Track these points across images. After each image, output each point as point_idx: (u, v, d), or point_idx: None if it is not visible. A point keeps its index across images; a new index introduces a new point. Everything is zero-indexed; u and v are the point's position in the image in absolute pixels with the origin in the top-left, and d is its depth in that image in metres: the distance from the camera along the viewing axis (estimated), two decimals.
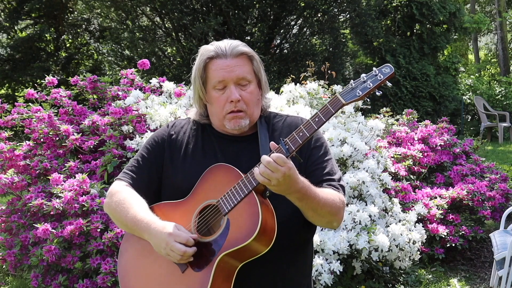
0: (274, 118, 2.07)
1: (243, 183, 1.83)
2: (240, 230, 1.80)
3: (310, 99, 4.81)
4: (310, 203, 1.83)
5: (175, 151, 2.03)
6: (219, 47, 1.94)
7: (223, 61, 1.93)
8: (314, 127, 1.79)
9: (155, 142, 2.07)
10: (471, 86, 15.79)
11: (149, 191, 2.02)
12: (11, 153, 4.50)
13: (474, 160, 6.31)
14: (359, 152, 4.36)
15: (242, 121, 1.95)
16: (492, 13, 23.36)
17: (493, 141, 13.31)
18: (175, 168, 2.01)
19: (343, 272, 3.87)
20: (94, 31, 15.65)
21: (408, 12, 13.88)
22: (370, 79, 1.79)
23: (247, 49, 1.96)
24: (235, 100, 1.92)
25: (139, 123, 4.43)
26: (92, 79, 5.01)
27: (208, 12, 12.68)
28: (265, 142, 1.95)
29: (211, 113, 2.02)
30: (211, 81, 1.94)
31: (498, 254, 4.44)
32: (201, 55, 1.97)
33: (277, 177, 1.72)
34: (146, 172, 2.04)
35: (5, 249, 4.18)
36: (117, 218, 2.00)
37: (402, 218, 4.43)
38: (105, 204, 2.06)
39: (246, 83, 1.95)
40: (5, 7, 14.67)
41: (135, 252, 2.00)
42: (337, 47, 14.41)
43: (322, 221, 1.94)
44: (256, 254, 1.81)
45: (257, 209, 1.79)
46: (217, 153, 1.99)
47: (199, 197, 1.92)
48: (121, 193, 1.98)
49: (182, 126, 2.09)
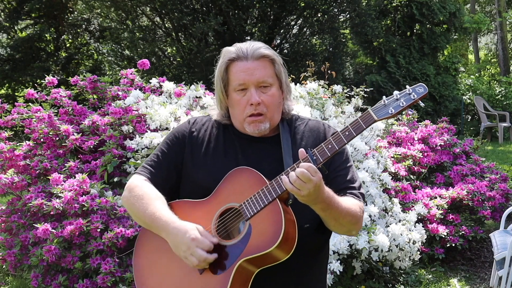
0: (296, 121, 2.06)
1: (267, 190, 1.82)
2: (262, 237, 1.79)
3: (310, 99, 4.80)
4: (333, 213, 1.84)
5: (196, 148, 2.02)
6: (241, 49, 1.93)
7: (243, 64, 1.91)
8: (344, 141, 1.80)
9: (175, 138, 2.06)
10: (471, 86, 15.79)
11: (167, 187, 2.01)
12: (11, 153, 4.50)
13: (474, 160, 6.31)
14: (359, 152, 4.36)
15: (261, 125, 1.94)
16: (492, 13, 23.35)
17: (493, 141, 13.31)
18: (196, 166, 1.99)
19: (343, 272, 3.87)
20: (94, 31, 15.65)
21: (408, 12, 13.88)
22: (404, 97, 1.81)
23: (269, 52, 1.95)
24: (255, 103, 1.91)
25: (139, 123, 4.43)
26: (92, 79, 5.01)
27: (208, 12, 12.68)
28: (287, 145, 1.95)
29: (232, 115, 2.01)
30: (232, 84, 1.93)
31: (498, 254, 4.43)
32: (222, 57, 1.96)
33: (308, 188, 1.72)
34: (165, 167, 2.02)
35: (5, 249, 4.18)
36: (135, 213, 1.98)
37: (402, 218, 4.43)
38: (123, 198, 2.05)
39: (267, 86, 1.93)
40: (5, 7, 14.67)
41: (151, 248, 1.98)
42: (337, 47, 14.42)
43: (342, 229, 1.95)
44: (275, 261, 1.81)
45: (281, 217, 1.78)
46: (238, 153, 1.98)
47: (221, 199, 1.91)
48: (140, 188, 1.97)
49: (203, 124, 2.07)
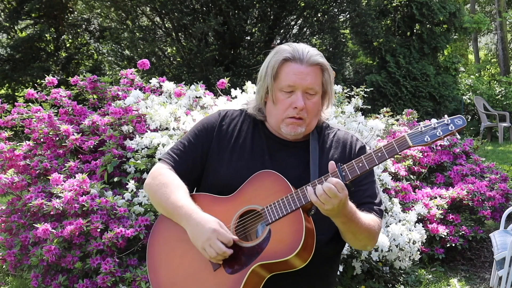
0: (326, 129, 2.06)
1: (292, 198, 1.82)
2: (281, 244, 1.80)
3: None
4: (352, 228, 1.86)
5: (223, 142, 2.01)
6: (297, 51, 1.93)
7: (298, 66, 1.91)
8: (376, 162, 1.81)
9: (204, 128, 2.04)
10: (471, 86, 15.79)
11: (190, 177, 2.01)
12: (11, 153, 4.50)
13: (474, 160, 6.31)
14: None
15: (299, 128, 1.95)
16: (492, 13, 23.36)
17: (493, 141, 13.31)
18: (221, 160, 1.99)
19: (343, 272, 3.87)
20: (94, 31, 15.65)
21: (408, 12, 13.88)
22: (441, 127, 1.82)
23: (323, 60, 1.95)
24: (300, 108, 1.91)
25: (139, 123, 4.43)
26: (92, 79, 5.01)
27: (208, 12, 12.68)
28: (315, 153, 1.95)
29: (269, 112, 1.99)
30: (280, 82, 1.93)
31: (498, 254, 4.43)
32: (276, 53, 1.95)
33: (333, 203, 1.74)
34: (190, 157, 2.02)
35: (5, 249, 4.18)
36: (157, 201, 1.99)
37: (402, 218, 4.43)
38: (146, 184, 2.05)
39: (313, 93, 1.94)
40: (5, 7, 14.67)
41: (168, 236, 1.97)
42: (337, 47, 14.41)
43: (358, 244, 1.98)
44: (290, 269, 1.82)
45: (302, 227, 1.79)
46: (265, 154, 1.98)
47: (244, 199, 1.91)
48: (164, 176, 1.97)
49: (234, 118, 2.06)
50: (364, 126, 4.71)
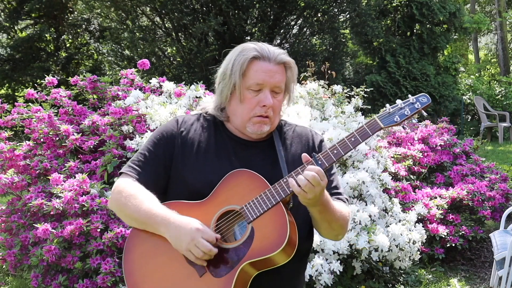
0: (284, 126, 2.07)
1: (270, 193, 1.82)
2: (266, 240, 1.79)
3: (310, 99, 4.80)
4: (328, 216, 1.87)
5: (186, 148, 1.97)
6: (264, 50, 1.92)
7: (266, 65, 1.90)
8: (350, 147, 1.83)
9: (163, 137, 2.00)
10: (471, 86, 15.79)
11: (156, 187, 1.96)
12: (11, 153, 4.50)
13: (474, 160, 6.31)
14: (359, 152, 4.36)
15: (265, 127, 1.94)
16: (492, 13, 23.36)
17: (493, 141, 13.31)
18: (187, 166, 1.95)
19: (343, 272, 3.86)
20: (94, 31, 15.66)
21: (408, 12, 13.88)
22: (408, 106, 1.91)
23: (289, 59, 1.96)
24: (268, 106, 1.90)
25: (139, 123, 4.43)
26: (92, 79, 5.01)
27: (208, 12, 12.69)
28: (279, 150, 1.96)
29: (233, 111, 1.97)
30: (248, 81, 1.91)
31: (498, 254, 4.44)
32: (242, 51, 1.93)
33: (316, 192, 1.75)
34: (153, 167, 1.97)
35: (5, 249, 4.18)
36: (128, 213, 1.92)
37: (402, 218, 4.43)
38: (112, 199, 1.98)
39: (279, 91, 1.94)
40: (5, 7, 14.68)
41: (145, 249, 1.91)
42: (337, 47, 14.43)
43: (332, 233, 1.99)
44: (276, 265, 1.81)
45: (285, 220, 1.79)
46: (231, 155, 1.96)
47: (220, 201, 1.88)
48: (130, 188, 1.92)
49: (193, 123, 2.03)
50: None
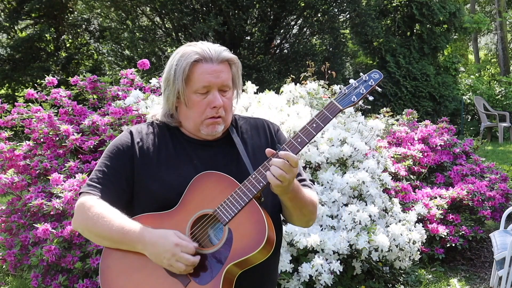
0: (239, 120, 2.05)
1: (241, 191, 1.79)
2: (246, 239, 1.77)
3: (310, 99, 4.80)
4: (298, 202, 1.87)
5: (145, 159, 1.92)
6: (205, 51, 1.87)
7: (209, 66, 1.86)
8: (313, 133, 1.81)
9: (120, 151, 1.94)
10: (471, 86, 15.79)
11: (120, 202, 1.89)
12: (11, 153, 4.50)
13: (474, 160, 6.31)
14: (359, 152, 4.36)
15: (219, 127, 1.91)
16: (492, 13, 23.36)
17: (493, 141, 13.31)
18: (149, 177, 1.90)
19: (343, 272, 3.86)
20: (94, 31, 15.66)
21: (408, 12, 13.88)
22: (362, 85, 1.89)
23: (231, 55, 1.92)
24: (219, 106, 1.87)
25: (139, 123, 4.43)
26: (92, 79, 5.01)
27: (208, 12, 12.69)
28: (240, 145, 1.95)
29: (184, 116, 1.94)
30: (194, 85, 1.87)
31: (498, 254, 4.44)
32: (183, 55, 1.88)
33: (289, 178, 1.74)
34: (115, 183, 1.91)
35: (5, 249, 4.18)
36: (98, 233, 1.85)
37: (402, 218, 4.43)
38: (76, 220, 1.90)
39: (227, 89, 1.91)
40: (5, 7, 14.67)
41: (122, 267, 1.85)
42: (337, 47, 14.42)
43: (303, 220, 1.98)
44: (258, 261, 1.80)
45: (261, 217, 1.78)
46: (193, 158, 1.92)
47: (191, 207, 1.84)
48: (97, 206, 1.84)
49: (147, 132, 1.98)
50: (364, 126, 4.71)
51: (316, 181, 4.08)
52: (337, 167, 4.23)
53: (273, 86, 10.44)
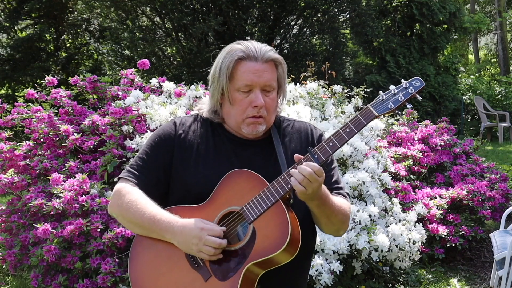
0: (283, 122, 2.05)
1: (269, 191, 1.80)
2: (269, 239, 1.77)
3: (310, 99, 4.81)
4: (326, 210, 1.86)
5: (185, 151, 1.95)
6: (250, 49, 1.88)
7: (253, 64, 1.87)
8: (346, 138, 1.80)
9: (162, 140, 1.97)
10: (471, 86, 15.79)
11: (156, 192, 1.94)
12: (11, 153, 4.50)
13: (474, 160, 6.31)
14: (359, 152, 4.36)
15: (260, 127, 1.92)
16: (492, 13, 23.36)
17: (493, 141, 13.31)
18: (187, 170, 1.93)
19: (343, 272, 3.86)
20: (94, 31, 15.65)
21: (408, 12, 13.88)
22: (401, 92, 1.84)
23: (277, 55, 1.92)
24: (260, 106, 1.87)
25: (139, 123, 4.43)
26: (92, 79, 5.01)
27: (208, 12, 12.68)
28: (279, 148, 1.94)
29: (227, 114, 1.95)
30: (237, 82, 1.88)
31: (498, 254, 4.43)
32: (229, 53, 1.90)
33: (313, 187, 1.74)
34: (153, 172, 1.94)
35: (5, 249, 4.18)
36: (130, 219, 1.90)
37: (402, 218, 4.43)
38: (112, 205, 1.95)
39: (271, 90, 1.91)
40: (5, 7, 14.67)
41: (149, 256, 1.90)
42: (337, 47, 14.42)
43: (332, 228, 1.96)
44: (281, 263, 1.79)
45: (286, 218, 1.77)
46: (231, 156, 1.94)
47: (220, 203, 1.86)
48: (131, 194, 1.89)
49: (190, 125, 2.00)
50: None
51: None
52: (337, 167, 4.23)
53: None
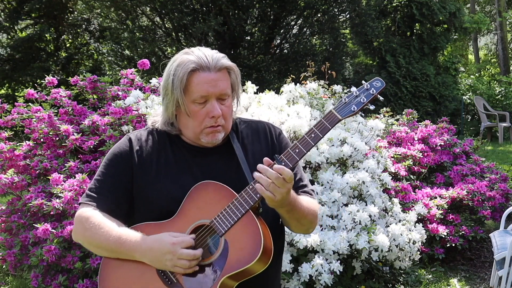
0: (240, 124, 2.02)
1: (238, 202, 1.77)
2: (242, 251, 1.75)
3: (310, 99, 4.80)
4: (296, 214, 1.84)
5: (145, 167, 1.90)
6: (202, 59, 1.82)
7: (207, 75, 1.81)
8: (311, 144, 1.78)
9: (118, 159, 1.92)
10: (471, 86, 15.80)
11: (120, 212, 1.90)
12: (11, 153, 4.50)
13: (474, 160, 6.31)
14: (359, 152, 4.36)
15: (219, 135, 1.88)
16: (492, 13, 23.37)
17: (493, 141, 13.31)
18: (148, 186, 1.89)
19: (343, 272, 3.86)
20: (94, 31, 15.66)
21: (408, 12, 13.88)
22: (363, 93, 1.84)
23: (230, 63, 1.87)
24: (217, 116, 1.84)
25: (139, 123, 4.43)
26: (92, 79, 5.01)
27: (208, 12, 12.69)
28: (240, 152, 1.92)
29: (184, 125, 1.91)
30: (192, 95, 1.82)
31: (498, 254, 4.44)
32: (180, 64, 1.83)
33: (282, 192, 1.71)
34: (113, 192, 1.90)
35: (5, 249, 4.18)
36: (96, 244, 1.86)
37: (402, 218, 4.43)
38: (76, 232, 1.91)
39: (226, 97, 1.87)
40: (5, 7, 14.68)
41: (120, 276, 1.86)
42: (337, 47, 14.44)
43: (302, 229, 1.97)
44: (255, 273, 1.78)
45: (257, 228, 1.76)
46: (192, 166, 1.90)
47: (188, 217, 1.83)
48: (94, 217, 1.85)
49: (146, 139, 1.95)
50: (364, 126, 4.71)
51: (316, 181, 4.08)
52: (337, 167, 4.23)
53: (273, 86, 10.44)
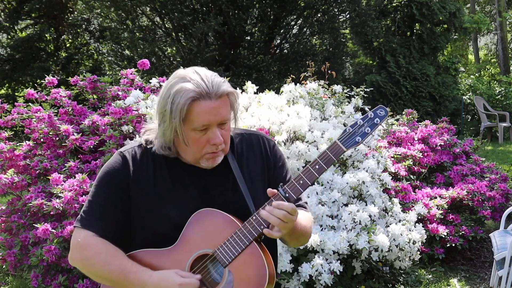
0: (235, 138, 1.96)
1: (242, 233, 1.76)
2: (247, 283, 1.75)
3: (310, 99, 4.80)
4: (296, 235, 1.88)
5: (141, 189, 1.84)
6: (202, 87, 1.74)
7: (208, 103, 1.75)
8: (316, 175, 1.79)
9: (114, 179, 1.86)
10: (471, 86, 15.80)
11: (117, 236, 1.84)
12: (11, 153, 4.50)
13: (474, 160, 6.31)
14: (359, 152, 4.36)
15: (219, 158, 1.85)
16: (492, 13, 23.37)
17: (493, 141, 13.31)
18: (145, 208, 1.84)
19: (343, 272, 3.86)
20: (94, 31, 15.66)
21: (408, 12, 13.88)
22: (368, 123, 1.85)
23: (231, 90, 1.81)
24: (219, 143, 1.81)
25: (139, 123, 4.43)
26: (92, 79, 5.01)
27: (208, 12, 12.69)
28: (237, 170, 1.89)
29: (183, 150, 1.85)
30: (192, 123, 1.76)
31: (498, 254, 4.43)
32: (179, 92, 1.75)
33: (289, 227, 1.76)
34: (111, 216, 1.83)
35: (5, 249, 4.18)
36: (96, 274, 1.83)
37: (402, 218, 4.43)
38: (73, 258, 1.85)
39: (226, 121, 1.83)
40: (5, 7, 14.68)
41: None
42: (337, 47, 14.44)
43: (298, 244, 2.05)
44: None
45: (262, 260, 1.76)
46: (189, 189, 1.86)
47: (190, 246, 1.80)
48: (93, 246, 1.80)
49: (141, 160, 1.88)
50: None
51: (316, 181, 4.08)
52: (337, 167, 4.23)
53: (273, 86, 10.44)
